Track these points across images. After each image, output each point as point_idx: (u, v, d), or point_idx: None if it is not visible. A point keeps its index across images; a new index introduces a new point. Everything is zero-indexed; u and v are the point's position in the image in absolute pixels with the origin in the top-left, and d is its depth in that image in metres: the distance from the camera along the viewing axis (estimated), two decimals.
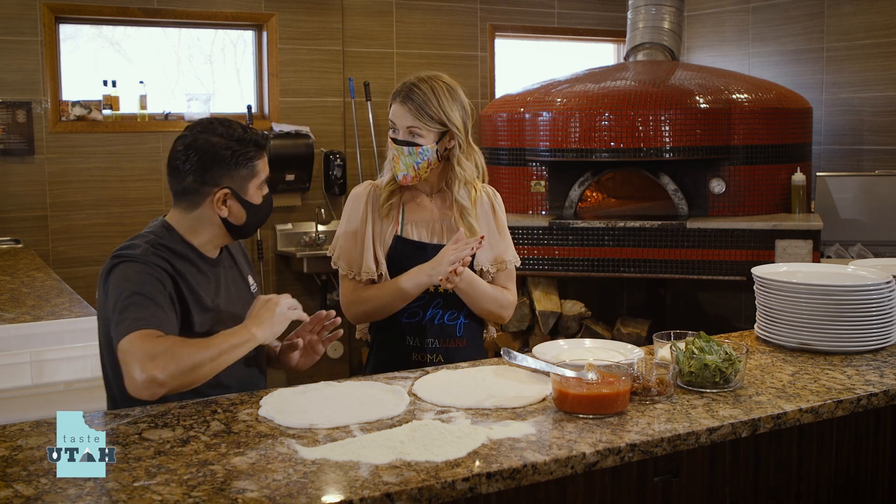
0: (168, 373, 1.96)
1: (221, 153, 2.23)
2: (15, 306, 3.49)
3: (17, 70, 5.37)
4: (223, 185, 2.25)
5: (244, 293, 2.40)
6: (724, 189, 5.51)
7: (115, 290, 2.12)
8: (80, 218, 5.58)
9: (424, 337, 2.66)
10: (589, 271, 5.48)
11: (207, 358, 2.04)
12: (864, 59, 6.16)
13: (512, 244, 2.80)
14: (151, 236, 2.24)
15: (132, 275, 2.13)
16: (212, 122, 2.29)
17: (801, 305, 2.52)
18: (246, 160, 2.26)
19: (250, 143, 2.27)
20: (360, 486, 1.62)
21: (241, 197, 2.27)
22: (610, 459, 1.81)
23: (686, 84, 5.61)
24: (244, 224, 2.31)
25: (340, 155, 6.23)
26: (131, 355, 1.98)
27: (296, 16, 6.15)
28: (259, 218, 2.34)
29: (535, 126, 5.67)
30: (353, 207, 2.71)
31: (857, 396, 2.14)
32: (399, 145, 2.60)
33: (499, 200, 2.81)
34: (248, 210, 2.29)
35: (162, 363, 1.96)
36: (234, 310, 2.30)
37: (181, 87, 6.10)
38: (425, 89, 2.59)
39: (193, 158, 2.23)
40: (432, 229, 2.69)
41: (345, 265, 2.68)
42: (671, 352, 2.23)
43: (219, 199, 2.25)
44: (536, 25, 7.16)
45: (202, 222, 2.28)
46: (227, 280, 2.36)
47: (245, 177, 2.27)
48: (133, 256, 2.16)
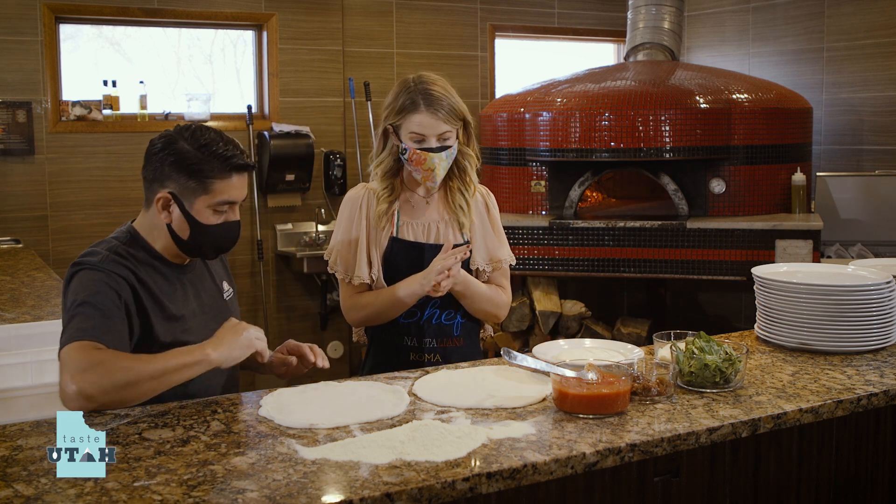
0: (98, 387, 1.91)
1: (179, 155, 2.17)
2: (15, 306, 3.49)
3: (17, 70, 5.37)
4: (168, 188, 2.18)
5: (216, 300, 2.34)
6: (724, 189, 5.51)
7: (68, 298, 2.09)
8: (81, 218, 5.59)
9: (422, 337, 2.66)
10: (589, 271, 5.48)
11: (146, 375, 1.96)
12: (864, 59, 6.16)
13: (507, 242, 2.81)
14: (114, 242, 2.20)
15: (87, 283, 2.08)
16: (192, 126, 2.22)
17: (801, 305, 2.52)
18: (198, 174, 2.16)
19: (215, 158, 2.16)
20: (361, 486, 1.62)
21: (184, 208, 2.18)
22: (610, 459, 1.81)
23: (686, 84, 5.61)
24: (189, 240, 2.21)
25: (340, 155, 6.23)
26: (65, 365, 1.95)
27: (296, 16, 6.15)
28: (211, 240, 2.22)
29: (536, 126, 5.67)
30: (348, 212, 2.70)
31: (858, 396, 2.14)
32: (437, 153, 2.57)
33: (492, 199, 2.82)
34: (193, 226, 2.19)
35: (92, 377, 1.91)
36: (203, 318, 2.24)
37: (181, 87, 6.10)
38: (438, 90, 2.57)
39: (155, 152, 2.20)
40: (428, 229, 2.69)
41: (341, 269, 2.68)
42: (671, 352, 2.23)
43: (159, 200, 2.19)
44: (536, 25, 7.16)
45: (156, 226, 2.22)
46: (197, 287, 2.30)
47: (193, 189, 2.17)
48: (91, 264, 2.11)
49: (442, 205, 2.72)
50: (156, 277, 2.19)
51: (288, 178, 6.00)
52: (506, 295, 2.77)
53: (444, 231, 2.69)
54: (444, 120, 2.56)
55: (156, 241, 2.24)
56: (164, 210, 2.19)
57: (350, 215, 2.69)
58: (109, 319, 2.04)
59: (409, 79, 2.63)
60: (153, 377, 1.97)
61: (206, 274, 2.36)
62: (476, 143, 2.73)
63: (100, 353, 1.96)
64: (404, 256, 2.64)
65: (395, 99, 2.61)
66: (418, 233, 2.68)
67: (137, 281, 2.13)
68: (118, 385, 1.94)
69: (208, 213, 2.19)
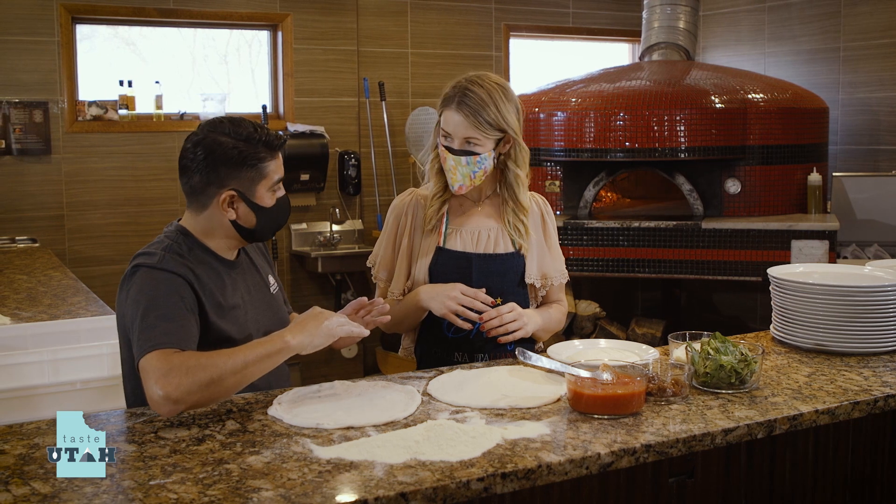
0: (183, 389, 1.92)
1: (228, 153, 2.18)
2: (32, 305, 3.51)
3: (34, 70, 5.41)
4: (229, 187, 2.20)
5: (265, 295, 2.37)
6: (739, 189, 5.49)
7: (134, 301, 2.10)
8: (97, 217, 5.62)
9: (473, 352, 2.56)
10: (604, 271, 5.47)
11: (229, 370, 1.97)
12: (880, 58, 6.13)
13: (561, 256, 2.69)
14: (168, 241, 2.21)
15: (151, 286, 2.10)
16: (223, 120, 2.23)
17: (817, 306, 2.50)
18: (253, 161, 2.20)
19: (259, 143, 2.20)
20: (375, 485, 1.62)
21: (249, 199, 2.22)
22: (625, 460, 1.81)
23: (701, 84, 5.59)
24: (255, 227, 2.26)
25: (355, 155, 6.24)
26: (148, 374, 1.96)
27: (311, 16, 6.17)
28: (272, 221, 2.28)
29: (550, 126, 5.66)
30: (392, 220, 2.63)
31: (874, 398, 2.13)
32: (456, 155, 2.47)
33: (548, 209, 2.72)
34: (258, 213, 2.24)
35: (175, 380, 1.92)
36: (255, 311, 2.28)
37: (196, 87, 6.13)
38: (480, 93, 2.44)
39: (200, 157, 2.19)
40: (478, 237, 2.58)
41: (385, 275, 2.63)
42: (686, 352, 2.23)
43: (224, 200, 2.20)
44: (551, 25, 7.15)
45: (213, 224, 2.24)
46: (248, 282, 2.33)
47: (253, 178, 2.21)
48: (152, 264, 2.13)
49: (495, 211, 2.62)
50: (210, 273, 2.21)
51: (303, 177, 6.02)
52: (563, 308, 2.69)
53: (495, 239, 2.59)
54: (472, 125, 2.44)
55: (211, 238, 2.26)
56: (229, 208, 2.22)
57: (394, 224, 2.63)
58: (177, 322, 2.05)
59: (466, 75, 2.51)
60: (235, 371, 1.98)
61: (252, 268, 2.38)
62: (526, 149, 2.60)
63: (178, 356, 1.97)
64: (452, 267, 2.54)
65: (445, 91, 2.52)
66: (466, 241, 2.57)
67: (195, 277, 2.15)
68: (202, 384, 1.94)
69: (268, 196, 2.25)
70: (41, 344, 2.99)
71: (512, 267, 2.58)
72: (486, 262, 2.55)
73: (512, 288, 2.58)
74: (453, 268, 2.54)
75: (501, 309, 2.46)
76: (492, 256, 2.56)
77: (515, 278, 2.58)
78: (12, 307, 3.47)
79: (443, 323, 2.54)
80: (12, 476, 1.69)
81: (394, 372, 2.69)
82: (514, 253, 2.59)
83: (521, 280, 2.60)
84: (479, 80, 2.48)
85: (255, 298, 2.32)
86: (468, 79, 2.49)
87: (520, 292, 2.60)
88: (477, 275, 2.53)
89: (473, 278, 2.52)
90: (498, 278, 2.55)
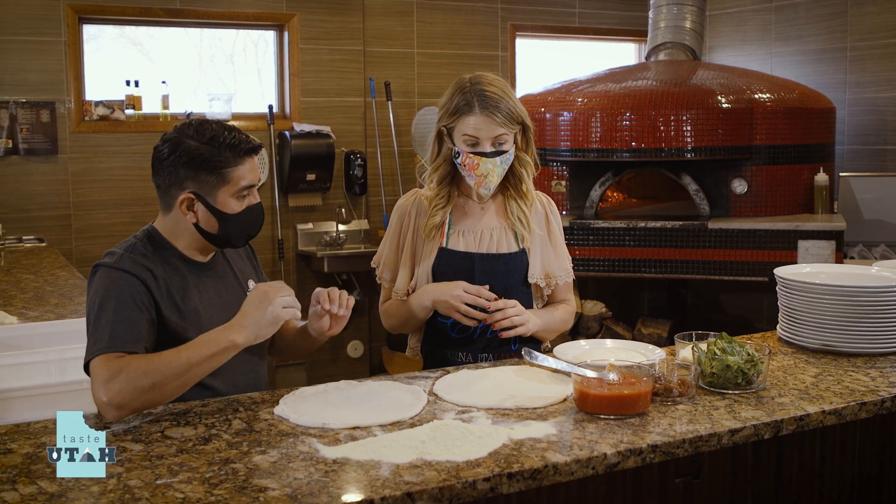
0: (124, 395, 1.93)
1: (189, 154, 2.16)
2: (38, 305, 3.52)
3: (41, 70, 5.42)
4: (188, 189, 2.18)
5: (239, 298, 2.29)
6: (746, 189, 5.48)
7: (90, 300, 2.12)
8: (103, 217, 5.63)
9: (477, 352, 2.56)
10: (610, 271, 5.47)
11: (171, 374, 1.97)
12: (887, 58, 6.11)
13: (567, 255, 2.68)
14: (132, 240, 2.22)
15: (105, 285, 2.10)
16: (193, 123, 2.21)
17: (823, 306, 2.50)
18: (214, 165, 2.16)
19: (223, 146, 2.15)
20: (381, 485, 1.62)
21: (209, 203, 2.18)
22: (631, 460, 1.81)
23: (708, 84, 5.58)
24: (219, 233, 2.22)
25: (361, 155, 6.24)
26: (93, 378, 1.98)
27: (317, 16, 6.17)
28: (239, 228, 2.23)
29: (556, 126, 5.66)
30: (396, 221, 2.64)
31: (881, 398, 2.12)
32: (490, 157, 2.46)
33: (553, 208, 2.70)
34: (220, 218, 2.20)
35: (116, 386, 1.93)
36: (222, 314, 2.21)
37: (203, 87, 6.14)
38: (496, 91, 2.45)
39: (164, 157, 2.18)
40: (481, 237, 2.58)
41: (389, 275, 2.63)
42: (693, 353, 2.22)
43: (182, 202, 2.18)
44: (557, 25, 7.15)
45: (179, 226, 2.22)
46: (219, 286, 2.30)
47: (213, 183, 2.17)
48: (110, 264, 2.14)
49: (498, 211, 2.62)
50: (171, 273, 2.19)
51: (309, 177, 6.02)
52: (570, 307, 2.68)
53: (498, 238, 2.58)
54: (499, 123, 2.44)
55: (178, 241, 2.24)
56: (188, 211, 2.19)
57: (398, 224, 2.63)
58: (125, 323, 2.05)
59: (465, 79, 2.51)
60: (178, 375, 1.98)
61: (228, 272, 2.36)
62: (535, 149, 2.62)
63: (121, 361, 1.97)
64: (455, 267, 2.54)
65: (449, 100, 2.50)
66: (469, 241, 2.57)
67: (152, 277, 2.14)
68: (143, 389, 1.95)
69: (232, 203, 2.20)
70: (48, 343, 3.00)
71: (515, 266, 2.58)
72: (488, 262, 2.55)
73: (515, 287, 2.57)
74: (456, 268, 2.54)
75: (507, 303, 2.47)
76: (495, 256, 2.56)
77: (519, 278, 2.58)
78: (19, 307, 3.48)
79: (447, 323, 2.54)
80: (19, 475, 1.69)
81: (400, 372, 2.68)
82: (518, 252, 2.58)
83: (525, 279, 2.59)
84: (485, 80, 2.49)
85: (226, 301, 2.27)
86: (475, 81, 2.49)
87: (523, 291, 2.59)
88: (480, 275, 2.53)
89: (476, 278, 2.52)
90: (501, 278, 2.55)
